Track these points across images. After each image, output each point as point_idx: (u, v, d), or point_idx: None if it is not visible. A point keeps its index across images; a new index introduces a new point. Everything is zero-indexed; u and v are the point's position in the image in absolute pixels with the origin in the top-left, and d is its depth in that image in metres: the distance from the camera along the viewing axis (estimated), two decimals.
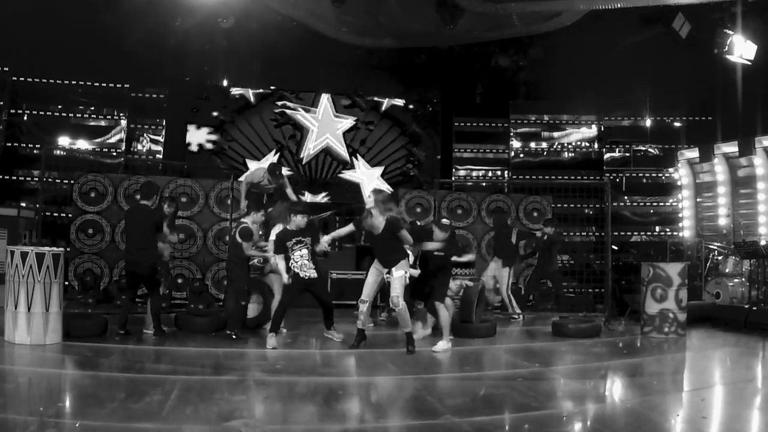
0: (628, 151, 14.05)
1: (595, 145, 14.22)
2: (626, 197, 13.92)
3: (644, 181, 13.99)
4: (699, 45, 10.28)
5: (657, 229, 13.90)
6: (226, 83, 13.42)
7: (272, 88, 13.29)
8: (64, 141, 12.52)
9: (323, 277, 8.25)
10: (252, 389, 5.33)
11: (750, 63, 10.01)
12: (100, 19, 10.84)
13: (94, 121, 12.69)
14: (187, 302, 9.75)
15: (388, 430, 4.52)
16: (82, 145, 12.56)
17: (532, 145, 14.28)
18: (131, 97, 12.84)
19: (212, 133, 12.97)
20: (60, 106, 12.51)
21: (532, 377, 5.96)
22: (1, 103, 12.09)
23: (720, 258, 11.02)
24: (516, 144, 14.22)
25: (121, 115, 12.73)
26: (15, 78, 12.23)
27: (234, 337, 7.35)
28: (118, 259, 9.76)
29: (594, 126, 14.29)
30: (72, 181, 10.54)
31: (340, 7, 9.58)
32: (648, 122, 14.10)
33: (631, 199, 13.96)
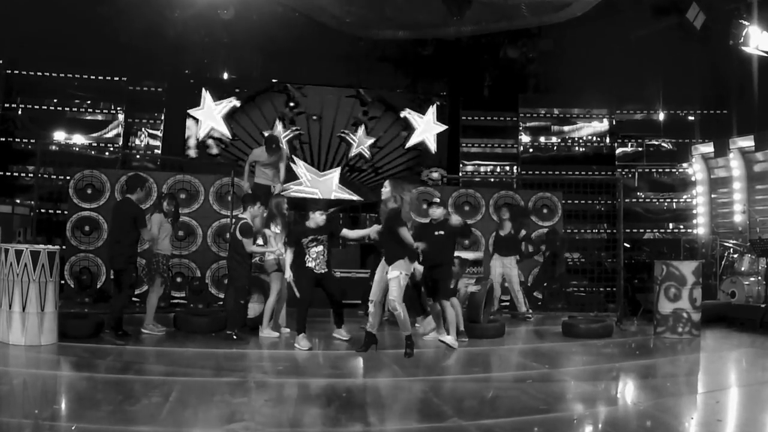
0: (640, 146, 13.89)
1: (607, 140, 14.01)
2: (639, 193, 13.75)
3: (657, 176, 13.83)
4: (714, 36, 10.14)
5: (670, 226, 13.70)
6: (225, 76, 13.20)
7: (274, 80, 13.05)
8: (60, 136, 12.30)
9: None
10: (253, 391, 5.24)
11: (766, 54, 9.91)
12: (97, 10, 10.68)
13: (90, 116, 12.46)
14: (186, 301, 9.63)
15: None
16: (78, 140, 12.33)
17: (542, 139, 14.04)
18: (129, 91, 12.59)
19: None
20: (55, 100, 12.25)
21: (542, 379, 5.93)
22: None
23: (735, 256, 10.91)
24: (525, 138, 13.99)
25: (119, 109, 12.50)
26: (9, 71, 12.03)
27: (234, 337, 7.24)
28: None
29: (605, 120, 14.09)
30: (68, 177, 10.31)
31: None
32: (661, 116, 13.90)
33: (644, 195, 13.77)
